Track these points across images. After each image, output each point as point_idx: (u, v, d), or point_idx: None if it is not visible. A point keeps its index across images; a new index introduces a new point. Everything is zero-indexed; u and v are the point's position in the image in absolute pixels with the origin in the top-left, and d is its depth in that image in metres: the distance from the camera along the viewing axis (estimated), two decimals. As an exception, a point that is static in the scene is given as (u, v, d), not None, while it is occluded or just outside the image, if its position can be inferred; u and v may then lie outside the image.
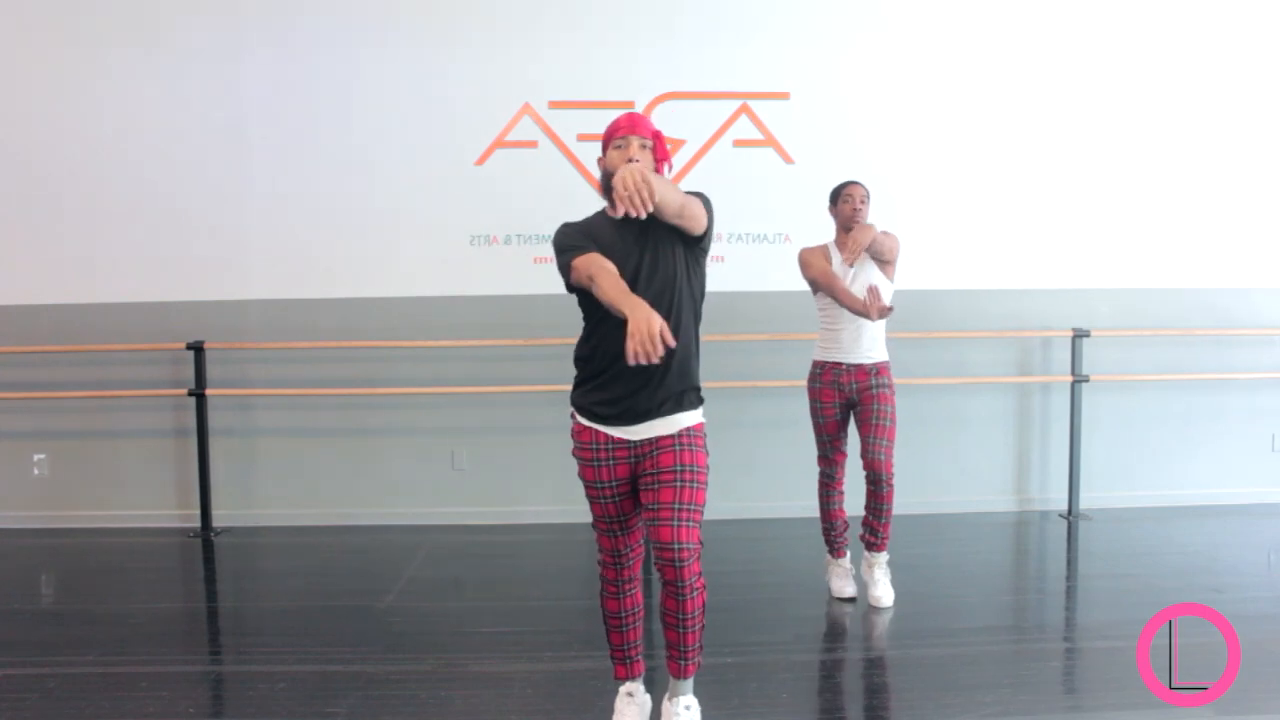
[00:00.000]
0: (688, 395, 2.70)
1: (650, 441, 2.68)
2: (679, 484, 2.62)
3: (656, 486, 2.64)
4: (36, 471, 5.22)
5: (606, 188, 2.67)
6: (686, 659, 2.72)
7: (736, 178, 5.15)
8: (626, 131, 2.63)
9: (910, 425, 5.13)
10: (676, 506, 2.60)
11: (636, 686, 2.92)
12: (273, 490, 5.21)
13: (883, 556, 3.97)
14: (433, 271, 5.15)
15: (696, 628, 2.67)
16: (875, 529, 3.91)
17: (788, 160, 5.18)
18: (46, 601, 4.31)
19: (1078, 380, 5.14)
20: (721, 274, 5.02)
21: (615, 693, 2.98)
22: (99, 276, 5.11)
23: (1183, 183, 5.31)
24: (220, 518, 5.14)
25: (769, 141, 5.18)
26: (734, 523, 5.05)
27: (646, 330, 2.23)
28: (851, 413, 3.97)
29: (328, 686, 3.23)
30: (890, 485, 3.84)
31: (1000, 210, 5.25)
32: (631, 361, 2.25)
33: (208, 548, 4.92)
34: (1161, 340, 5.33)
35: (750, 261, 5.18)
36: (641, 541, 2.85)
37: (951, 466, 5.31)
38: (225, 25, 5.03)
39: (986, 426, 5.34)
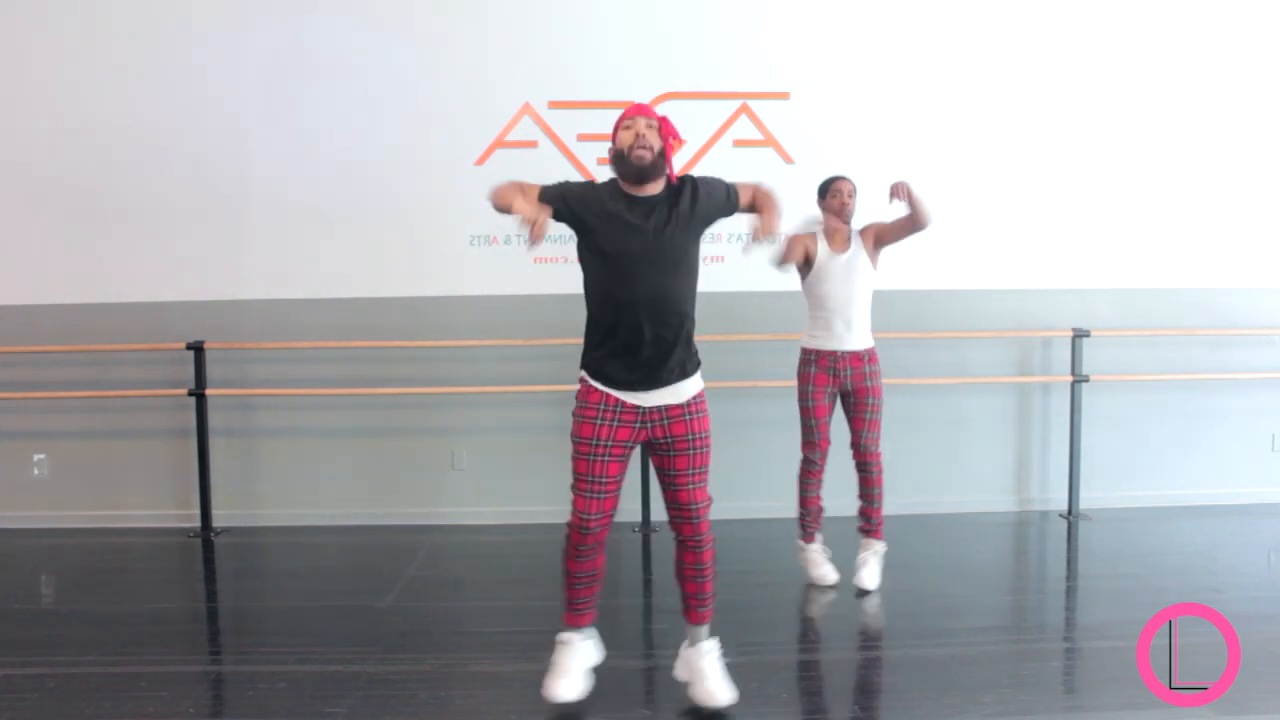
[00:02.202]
0: (690, 361, 2.98)
1: (660, 410, 2.93)
2: (692, 451, 2.95)
3: (671, 454, 2.95)
4: (36, 471, 5.22)
5: (616, 162, 2.94)
6: (705, 605, 3.03)
7: (737, 178, 5.13)
8: (634, 113, 2.91)
9: (910, 425, 5.16)
10: (691, 471, 2.95)
11: (576, 635, 3.11)
12: (273, 490, 5.21)
13: (880, 545, 4.12)
14: (433, 271, 5.14)
15: (711, 576, 2.99)
16: (870, 515, 4.10)
17: (788, 160, 5.18)
18: (46, 601, 4.32)
19: (1078, 380, 5.14)
20: (721, 274, 5.03)
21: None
22: (99, 276, 5.11)
23: (1183, 182, 5.30)
24: (220, 518, 5.14)
25: (769, 141, 5.18)
26: (734, 523, 5.03)
27: (534, 219, 2.70)
28: (840, 400, 4.10)
29: (328, 686, 3.24)
30: (879, 468, 4.05)
31: (1000, 210, 5.25)
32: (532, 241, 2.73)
33: (208, 548, 4.92)
34: (1161, 340, 5.33)
35: (750, 261, 5.15)
36: (612, 511, 3.02)
37: (951, 466, 5.31)
38: (225, 25, 5.03)
39: (986, 426, 5.34)
